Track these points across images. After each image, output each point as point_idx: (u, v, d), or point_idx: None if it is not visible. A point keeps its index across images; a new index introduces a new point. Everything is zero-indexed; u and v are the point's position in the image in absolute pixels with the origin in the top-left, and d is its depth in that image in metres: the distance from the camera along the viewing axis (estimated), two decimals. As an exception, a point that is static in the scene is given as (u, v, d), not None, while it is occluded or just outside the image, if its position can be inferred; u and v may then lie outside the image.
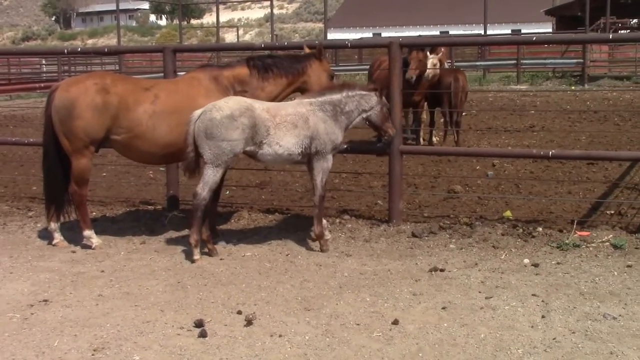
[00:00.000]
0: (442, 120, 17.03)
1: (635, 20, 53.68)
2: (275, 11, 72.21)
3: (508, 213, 9.82)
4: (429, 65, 15.61)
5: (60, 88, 8.66)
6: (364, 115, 8.53)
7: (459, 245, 8.53)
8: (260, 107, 8.14)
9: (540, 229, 9.01)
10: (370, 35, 71.25)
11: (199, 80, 8.87)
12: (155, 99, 8.55)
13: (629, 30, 49.81)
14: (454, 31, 71.06)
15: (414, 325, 6.21)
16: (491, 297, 6.82)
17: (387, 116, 8.67)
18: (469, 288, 7.12)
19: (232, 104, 8.00)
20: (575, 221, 9.07)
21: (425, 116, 16.87)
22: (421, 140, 16.66)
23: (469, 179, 12.47)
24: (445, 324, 6.23)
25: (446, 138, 16.82)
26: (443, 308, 6.59)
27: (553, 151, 9.54)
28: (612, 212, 9.95)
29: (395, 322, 6.24)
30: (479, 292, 7.00)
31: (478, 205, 10.57)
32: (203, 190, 8.06)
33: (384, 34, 69.49)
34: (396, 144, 9.45)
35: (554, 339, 5.89)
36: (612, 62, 38.86)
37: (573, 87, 32.34)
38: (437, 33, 70.01)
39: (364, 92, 8.53)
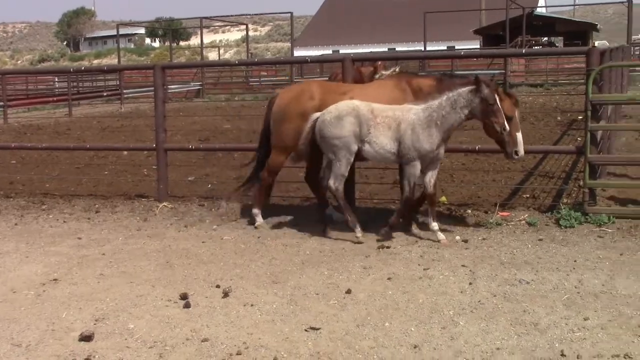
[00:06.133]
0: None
1: (545, 39, 54.27)
2: (250, 33, 71.83)
3: (443, 198, 9.82)
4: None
5: (278, 96, 8.78)
6: (465, 112, 7.58)
7: (402, 225, 8.51)
8: (366, 107, 7.75)
9: (470, 211, 9.06)
10: (330, 52, 71.01)
11: (385, 85, 8.70)
12: (349, 99, 8.33)
13: (540, 46, 50.34)
14: (399, 47, 71.13)
15: (364, 294, 6.20)
16: (428, 269, 6.84)
17: (490, 111, 7.46)
18: (410, 261, 7.13)
19: (340, 106, 7.84)
20: (498, 204, 9.12)
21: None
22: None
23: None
24: (390, 292, 6.23)
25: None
26: (388, 279, 6.59)
27: (479, 146, 9.59)
28: (528, 195, 10.01)
29: (349, 292, 6.23)
30: (418, 264, 7.01)
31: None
32: (334, 183, 7.92)
33: (341, 51, 69.31)
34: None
35: (479, 301, 5.93)
36: (528, 72, 39.11)
37: (497, 93, 32.51)
38: (386, 49, 70.04)
39: (463, 89, 7.57)
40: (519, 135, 7.79)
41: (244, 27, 50.83)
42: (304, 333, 5.40)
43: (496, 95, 7.52)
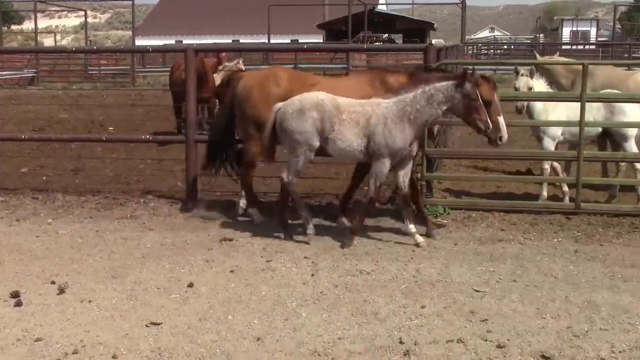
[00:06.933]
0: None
1: (386, 35, 55.98)
2: (89, 20, 69.46)
3: (286, 190, 9.88)
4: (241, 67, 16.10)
5: (242, 80, 8.40)
6: (442, 108, 7.13)
7: (245, 218, 8.49)
8: (331, 102, 7.25)
9: (313, 202, 9.17)
10: (173, 42, 69.75)
11: (359, 80, 8.27)
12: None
13: (381, 43, 51.87)
14: (244, 39, 70.96)
15: (207, 287, 6.15)
16: (271, 261, 6.87)
17: (473, 108, 7.04)
18: (253, 254, 7.13)
19: (304, 98, 7.35)
20: (340, 196, 9.24)
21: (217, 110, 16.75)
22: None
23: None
24: (233, 285, 6.21)
25: (236, 129, 16.81)
26: (231, 271, 6.57)
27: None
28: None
29: (191, 285, 6.17)
30: (261, 256, 7.03)
31: (261, 184, 10.53)
32: (287, 176, 7.53)
33: (185, 42, 68.22)
34: (191, 134, 9.33)
35: (321, 292, 6.02)
36: (369, 67, 40.05)
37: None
38: (230, 41, 69.69)
39: (441, 84, 7.09)
40: (501, 120, 7.46)
41: (83, 13, 49.08)
42: (144, 328, 5.28)
43: (477, 91, 7.11)
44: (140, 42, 62.74)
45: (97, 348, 4.94)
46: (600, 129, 9.07)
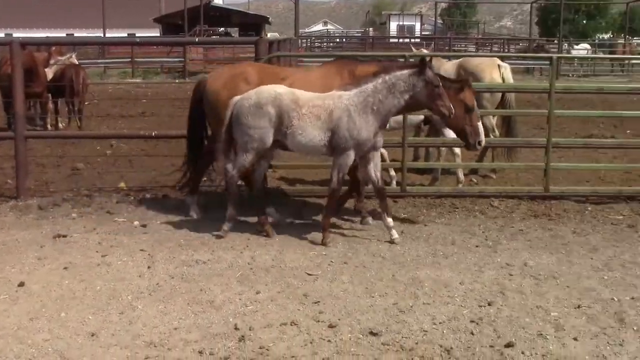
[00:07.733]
0: (67, 108, 16.39)
1: (222, 29, 55.74)
2: None
3: (122, 184, 9.66)
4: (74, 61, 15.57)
5: (209, 80, 7.98)
6: (405, 98, 6.87)
7: (79, 213, 8.22)
8: (289, 96, 6.89)
9: (149, 195, 9.00)
10: (3, 35, 66.04)
11: (328, 71, 7.79)
12: (289, 86, 7.23)
13: (218, 36, 51.52)
14: (78, 33, 68.26)
15: (39, 285, 5.90)
16: (106, 255, 6.68)
17: (436, 94, 6.83)
18: (87, 249, 6.90)
19: (261, 92, 6.90)
20: (177, 187, 9.09)
21: (51, 105, 16.04)
22: (48, 126, 15.81)
23: (90, 158, 12.03)
24: (67, 282, 6.00)
25: (71, 123, 16.20)
26: (65, 268, 6.34)
27: (156, 132, 9.56)
28: (205, 179, 10.11)
29: (21, 284, 5.89)
30: (96, 251, 6.82)
31: (97, 179, 10.24)
32: (233, 169, 7.06)
33: (15, 35, 64.77)
34: (20, 129, 8.87)
35: (157, 284, 5.94)
36: (206, 60, 39.53)
37: (177, 80, 32.62)
38: (64, 35, 66.86)
39: (402, 72, 6.87)
40: (480, 125, 7.51)
41: None
42: (-30, 332, 4.97)
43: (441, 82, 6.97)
44: (-34, 35, 58.94)
45: None
46: (422, 117, 9.44)
